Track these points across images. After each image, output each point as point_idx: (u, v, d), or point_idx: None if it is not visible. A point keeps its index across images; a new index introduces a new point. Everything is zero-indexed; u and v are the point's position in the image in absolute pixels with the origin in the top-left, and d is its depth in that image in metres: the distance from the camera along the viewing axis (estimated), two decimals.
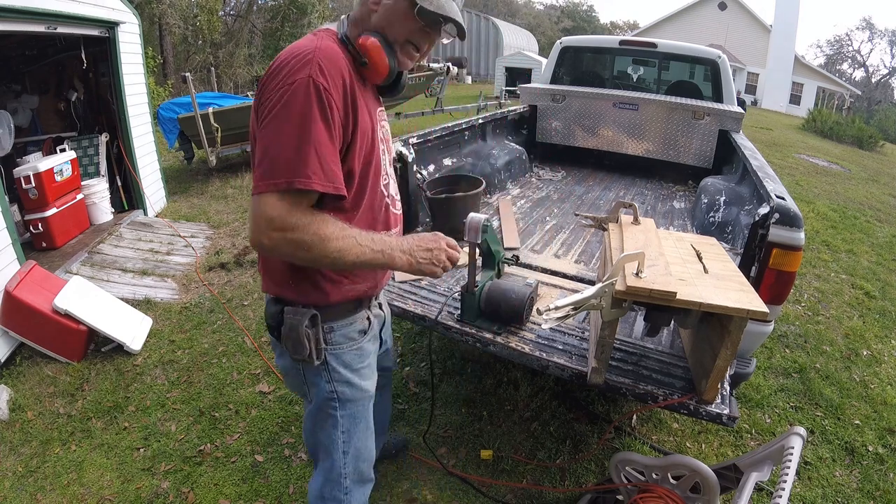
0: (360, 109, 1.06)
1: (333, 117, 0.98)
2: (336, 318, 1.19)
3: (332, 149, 0.99)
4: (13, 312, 2.63)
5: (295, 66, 0.98)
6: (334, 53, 1.02)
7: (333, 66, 1.00)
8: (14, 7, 2.92)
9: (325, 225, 0.98)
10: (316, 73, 0.96)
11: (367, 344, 1.28)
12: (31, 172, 3.63)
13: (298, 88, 0.95)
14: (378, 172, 1.16)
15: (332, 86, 0.98)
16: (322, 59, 0.99)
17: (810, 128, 15.52)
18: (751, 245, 1.77)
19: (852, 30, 61.82)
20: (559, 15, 42.54)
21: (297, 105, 0.95)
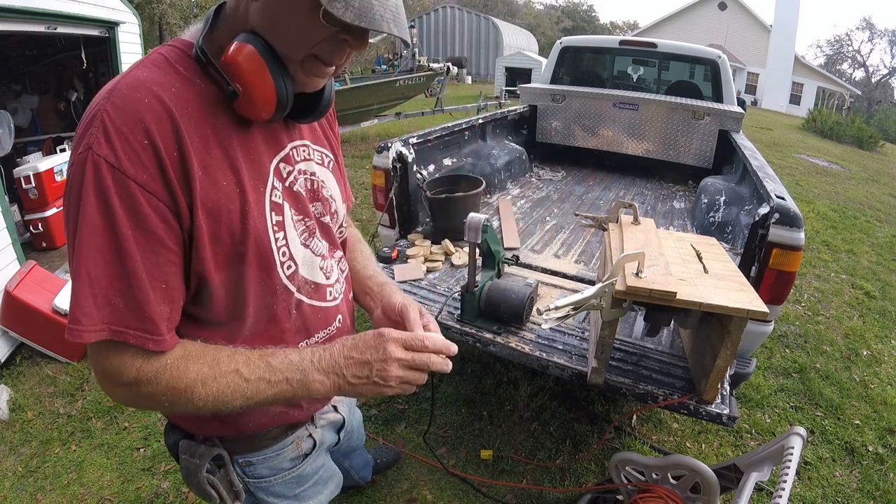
0: (213, 174, 0.68)
1: (144, 222, 0.63)
2: (255, 450, 0.89)
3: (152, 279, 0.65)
4: (13, 312, 2.63)
5: (79, 131, 0.64)
6: (142, 93, 0.64)
7: (131, 118, 0.62)
8: (14, 7, 2.92)
9: (184, 369, 0.68)
10: (97, 140, 0.61)
11: (310, 466, 0.98)
12: (31, 172, 3.63)
13: (74, 172, 0.63)
14: (268, 264, 0.75)
15: (127, 159, 0.61)
16: (112, 110, 0.62)
17: (810, 128, 15.52)
18: (751, 245, 1.77)
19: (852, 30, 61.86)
20: (559, 15, 42.56)
21: (73, 200, 0.63)
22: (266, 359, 0.72)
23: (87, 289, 0.62)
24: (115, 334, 0.64)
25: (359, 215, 4.99)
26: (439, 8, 24.10)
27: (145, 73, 0.67)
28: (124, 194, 0.62)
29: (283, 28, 0.67)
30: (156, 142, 0.63)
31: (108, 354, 0.66)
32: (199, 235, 0.68)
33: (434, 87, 9.48)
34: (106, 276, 0.63)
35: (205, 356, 0.70)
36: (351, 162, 7.05)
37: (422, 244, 2.36)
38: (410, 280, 2.07)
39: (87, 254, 0.62)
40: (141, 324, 0.65)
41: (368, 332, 0.76)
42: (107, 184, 0.61)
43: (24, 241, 3.62)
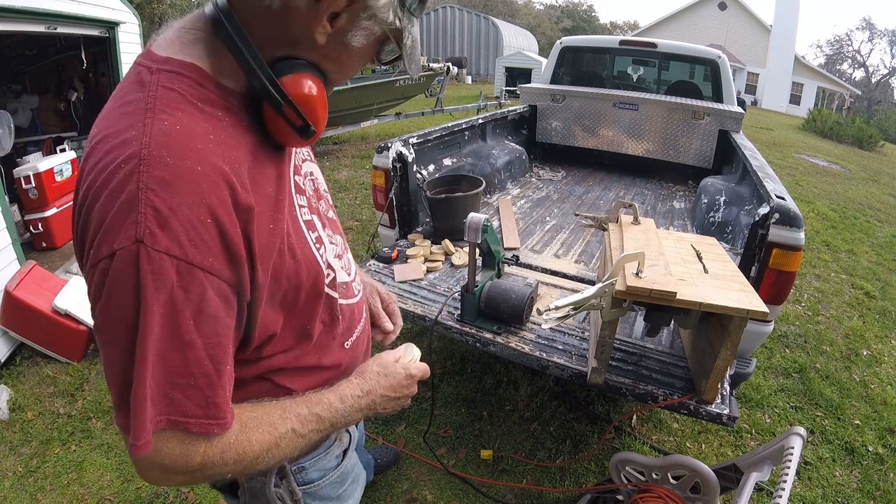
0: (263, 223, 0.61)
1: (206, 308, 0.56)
2: (307, 454, 0.87)
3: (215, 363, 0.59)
4: (13, 312, 2.63)
5: (107, 214, 0.52)
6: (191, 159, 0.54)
7: (189, 195, 0.53)
8: (14, 7, 2.92)
9: (246, 442, 0.65)
10: (150, 231, 0.51)
11: (349, 462, 0.98)
12: (31, 172, 3.62)
13: (120, 275, 0.52)
14: (320, 282, 0.74)
15: (192, 247, 0.53)
16: (161, 188, 0.52)
17: (810, 128, 15.52)
18: (751, 245, 1.77)
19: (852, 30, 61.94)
20: (559, 15, 42.55)
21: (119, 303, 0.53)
22: (314, 410, 0.72)
23: (145, 397, 0.55)
24: (174, 424, 0.58)
25: (359, 215, 4.99)
26: (439, 8, 24.09)
27: (174, 124, 0.55)
28: (191, 286, 0.54)
29: (349, 68, 0.68)
30: (218, 216, 0.55)
31: (162, 447, 0.58)
32: (258, 297, 0.63)
33: (434, 87, 9.47)
34: (165, 374, 0.56)
35: (261, 423, 0.67)
36: (351, 162, 7.05)
37: (422, 244, 2.36)
38: (410, 280, 2.07)
39: (153, 359, 0.54)
40: (205, 410, 0.59)
41: (399, 371, 0.85)
42: (170, 280, 0.53)
43: (24, 241, 3.62)
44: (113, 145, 0.54)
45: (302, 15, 0.58)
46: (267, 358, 0.73)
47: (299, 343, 0.75)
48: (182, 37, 0.62)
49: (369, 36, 0.63)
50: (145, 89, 0.57)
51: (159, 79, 0.58)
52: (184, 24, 0.63)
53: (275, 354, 0.73)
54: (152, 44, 0.63)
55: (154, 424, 0.57)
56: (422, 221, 2.64)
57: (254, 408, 0.69)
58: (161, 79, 0.58)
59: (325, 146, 7.97)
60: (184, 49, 0.61)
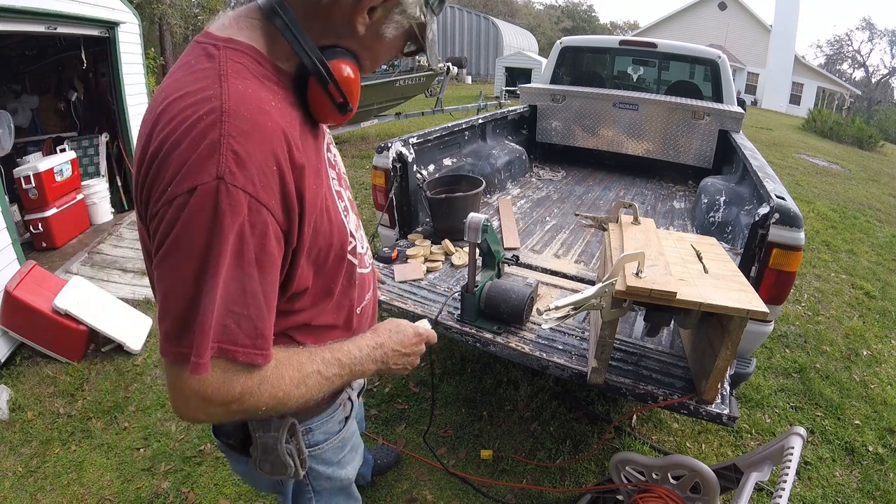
0: (311, 185, 0.70)
1: (266, 245, 0.63)
2: (313, 416, 0.92)
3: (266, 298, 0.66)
4: (13, 312, 2.63)
5: (190, 156, 0.59)
6: (263, 115, 0.62)
7: (262, 144, 0.61)
8: (14, 7, 2.92)
9: (279, 377, 0.71)
10: (230, 169, 0.58)
11: (350, 429, 1.04)
12: (31, 172, 3.63)
13: (200, 207, 0.58)
14: (345, 248, 0.82)
15: (262, 188, 0.61)
16: (240, 135, 0.59)
17: (810, 128, 15.52)
18: (751, 245, 1.77)
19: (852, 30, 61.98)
20: (559, 15, 42.55)
21: (200, 236, 0.59)
22: (336, 355, 0.80)
23: (211, 318, 0.61)
24: (224, 352, 0.63)
25: (359, 215, 4.99)
26: None
27: (246, 87, 0.64)
28: (258, 222, 0.62)
29: (380, 57, 0.78)
30: (282, 167, 0.64)
31: (208, 375, 0.63)
32: (301, 247, 0.71)
33: (434, 87, 9.47)
34: (225, 301, 0.62)
35: (291, 362, 0.74)
36: (351, 162, 7.05)
37: (422, 244, 2.36)
38: (410, 280, 2.07)
39: (219, 283, 0.60)
40: (253, 341, 0.66)
41: (409, 329, 0.95)
42: (243, 214, 0.60)
43: (24, 241, 3.62)
44: (192, 101, 0.61)
45: (347, 8, 0.69)
46: (295, 313, 0.79)
47: (322, 301, 0.83)
48: (240, 23, 0.71)
49: (399, 28, 0.74)
50: (215, 60, 0.65)
51: (227, 53, 0.66)
52: (240, 12, 0.72)
53: (302, 310, 0.80)
54: (209, 27, 0.71)
55: (211, 350, 0.62)
56: (422, 221, 2.64)
57: (284, 349, 0.75)
58: (228, 53, 0.66)
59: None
60: (242, 33, 0.69)
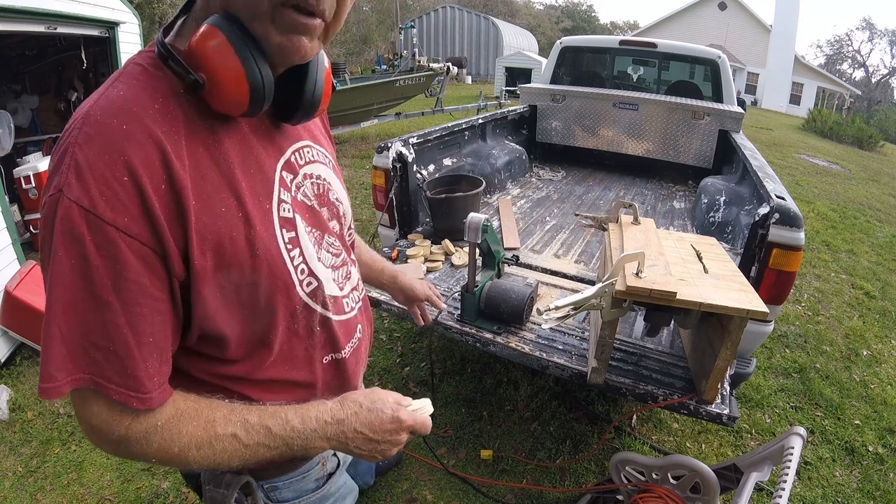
0: (210, 202, 0.59)
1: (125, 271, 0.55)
2: (279, 475, 0.82)
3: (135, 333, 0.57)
4: (13, 312, 2.63)
5: (50, 167, 0.56)
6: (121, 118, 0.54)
7: (108, 151, 0.53)
8: (14, 7, 2.92)
9: (176, 431, 0.62)
10: (68, 181, 0.52)
11: (334, 485, 0.92)
12: (31, 172, 3.63)
13: (45, 216, 0.55)
14: (287, 287, 0.68)
15: (103, 201, 0.52)
16: (85, 142, 0.53)
17: (810, 128, 15.53)
18: (751, 245, 1.77)
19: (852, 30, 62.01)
20: (559, 15, 42.54)
21: (45, 247, 0.56)
22: (265, 422, 0.66)
23: (61, 343, 0.55)
24: (97, 385, 0.57)
25: (359, 215, 4.99)
26: (439, 8, 24.09)
27: (122, 90, 0.56)
28: (102, 241, 0.53)
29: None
30: (139, 177, 0.54)
31: (92, 407, 0.59)
32: (199, 275, 0.59)
33: (434, 87, 9.47)
34: (83, 331, 0.55)
35: (199, 417, 0.63)
36: (351, 162, 7.05)
37: (422, 244, 2.36)
38: None
39: (60, 307, 0.54)
40: (124, 380, 0.57)
41: (386, 411, 0.73)
42: (80, 231, 0.52)
43: (24, 241, 3.62)
44: (75, 113, 0.58)
45: None
46: (224, 362, 0.69)
47: (257, 351, 0.70)
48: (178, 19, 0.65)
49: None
50: (122, 67, 0.61)
51: (137, 57, 0.61)
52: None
53: (232, 361, 0.69)
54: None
55: (77, 381, 0.57)
56: (422, 221, 2.64)
57: (198, 400, 0.65)
58: (139, 57, 0.61)
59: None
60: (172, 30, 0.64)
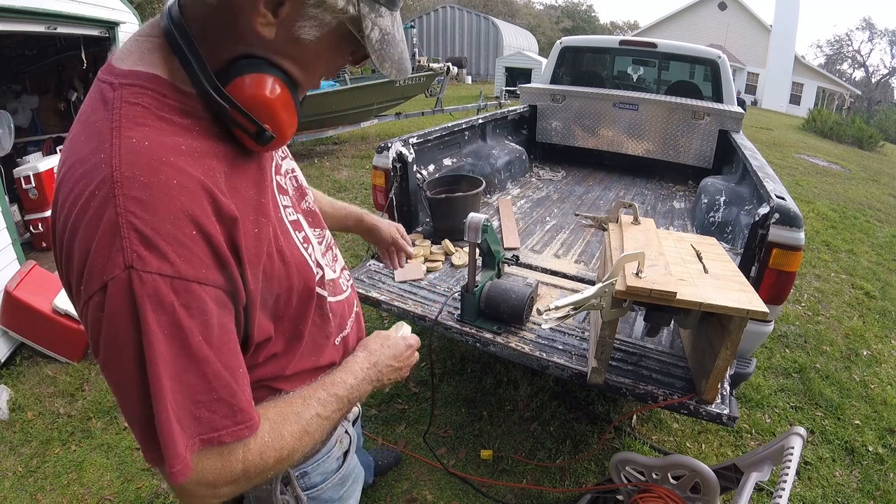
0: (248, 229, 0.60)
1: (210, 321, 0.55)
2: (307, 459, 0.86)
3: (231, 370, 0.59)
4: (13, 312, 2.63)
5: (90, 246, 0.50)
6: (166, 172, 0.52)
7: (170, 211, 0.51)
8: (14, 7, 2.92)
9: (279, 436, 0.65)
10: (138, 254, 0.50)
11: (350, 464, 0.98)
12: (31, 172, 3.63)
13: (116, 306, 0.50)
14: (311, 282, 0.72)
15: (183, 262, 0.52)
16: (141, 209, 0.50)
17: (810, 128, 15.53)
18: (751, 245, 1.77)
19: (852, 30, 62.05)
20: (559, 15, 42.54)
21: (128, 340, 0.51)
22: (332, 391, 0.74)
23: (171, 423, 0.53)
24: (207, 442, 0.57)
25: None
26: (439, 8, 24.09)
27: (142, 139, 0.53)
28: (190, 301, 0.53)
29: (313, 67, 0.63)
30: (204, 227, 0.54)
31: (201, 465, 0.57)
32: (253, 297, 0.62)
33: (434, 87, 9.46)
34: (188, 397, 0.55)
35: (287, 416, 0.67)
36: (351, 162, 7.05)
37: (422, 244, 2.36)
38: (410, 280, 2.07)
39: (169, 386, 0.52)
40: (233, 419, 0.58)
41: (399, 342, 0.90)
42: (169, 300, 0.51)
43: (24, 241, 3.62)
44: (83, 171, 0.52)
45: (241, 7, 0.55)
46: (260, 365, 0.71)
47: (291, 346, 0.74)
48: (141, 46, 0.59)
49: (322, 27, 0.58)
50: (108, 108, 0.55)
51: (122, 94, 0.55)
52: (143, 31, 0.61)
53: (267, 361, 0.72)
54: (112, 56, 0.60)
55: (189, 449, 0.56)
56: (422, 221, 2.64)
57: (275, 404, 0.68)
58: (124, 94, 0.55)
59: (325, 146, 7.97)
60: (143, 59, 0.58)
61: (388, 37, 0.62)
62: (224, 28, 0.57)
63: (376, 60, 0.61)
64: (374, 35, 0.60)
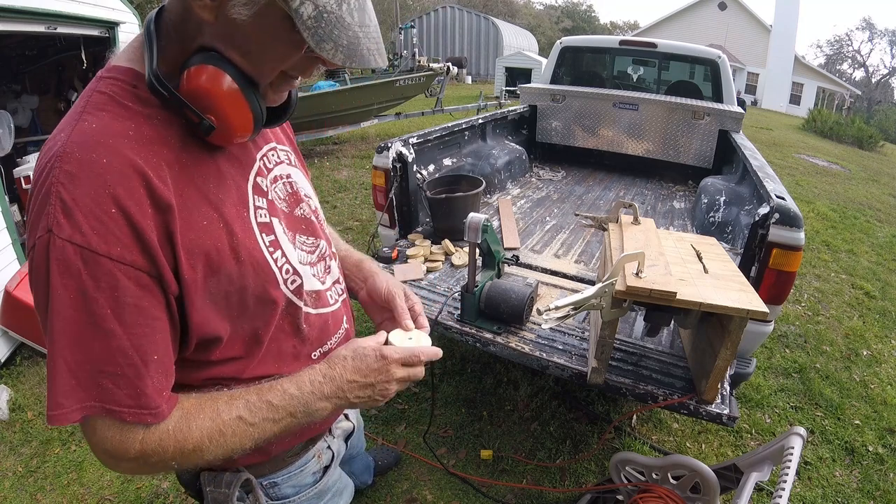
0: (193, 219, 0.62)
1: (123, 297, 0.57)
2: (277, 470, 0.85)
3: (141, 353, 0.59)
4: (13, 312, 2.63)
5: (33, 208, 0.57)
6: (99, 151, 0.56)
7: (93, 186, 0.55)
8: (14, 7, 2.92)
9: (187, 430, 0.64)
10: (57, 220, 0.54)
11: (329, 479, 0.95)
12: (31, 172, 3.61)
13: (37, 257, 0.56)
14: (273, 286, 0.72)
15: (96, 235, 0.55)
16: (68, 181, 0.54)
17: (810, 128, 15.53)
18: (751, 245, 1.77)
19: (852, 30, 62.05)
20: (559, 15, 42.54)
21: (40, 287, 0.57)
22: (265, 397, 0.69)
23: (68, 373, 0.57)
24: (109, 412, 0.59)
25: (359, 215, 4.99)
26: (439, 8, 24.09)
27: (93, 123, 0.57)
28: (99, 273, 0.55)
29: (256, 54, 0.61)
30: (126, 207, 0.56)
31: (104, 432, 0.60)
32: (191, 288, 0.62)
33: (434, 87, 9.47)
34: (90, 361, 0.57)
35: (203, 410, 0.66)
36: (351, 162, 7.06)
37: (422, 244, 2.36)
38: (410, 280, 2.07)
39: (65, 341, 0.56)
40: (136, 401, 0.60)
41: (369, 352, 0.75)
42: (76, 267, 0.54)
43: (24, 241, 3.62)
44: (47, 149, 0.58)
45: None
46: (216, 364, 0.71)
47: (250, 351, 0.73)
48: (131, 44, 0.65)
49: (252, 4, 0.56)
50: (84, 97, 0.61)
51: (97, 85, 0.61)
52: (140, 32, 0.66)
53: (224, 361, 0.72)
54: (113, 56, 0.65)
55: (87, 409, 0.58)
56: (422, 221, 2.64)
57: (199, 396, 0.68)
58: (99, 85, 0.61)
59: (325, 146, 7.97)
60: (127, 55, 0.64)
61: (330, 16, 0.56)
62: (182, 21, 0.61)
63: (311, 40, 0.56)
64: (304, 10, 0.55)
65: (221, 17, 0.58)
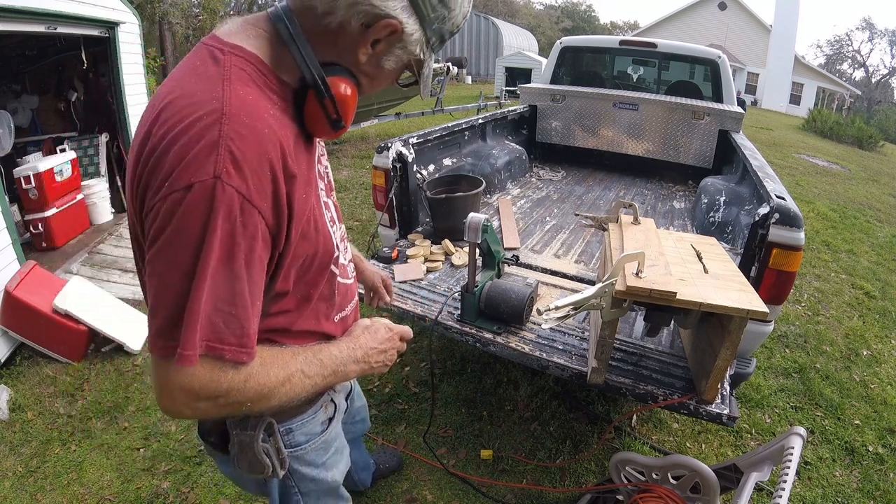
0: (301, 192, 0.73)
1: (255, 246, 0.66)
2: (293, 417, 0.94)
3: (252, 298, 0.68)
4: (13, 312, 2.63)
5: (187, 153, 0.61)
6: (261, 122, 0.66)
7: (258, 148, 0.64)
8: (14, 7, 2.92)
9: (265, 374, 0.73)
10: (227, 170, 0.61)
11: (333, 431, 1.05)
12: (31, 172, 3.62)
13: (195, 203, 0.61)
14: (331, 258, 0.85)
15: (255, 190, 0.64)
16: (238, 139, 0.62)
17: (810, 128, 15.53)
18: (751, 245, 1.77)
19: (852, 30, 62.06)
20: (559, 15, 42.53)
21: (192, 225, 0.61)
22: (318, 356, 0.83)
23: (198, 313, 0.63)
24: (211, 350, 0.66)
25: (359, 215, 4.99)
26: None
27: (248, 94, 0.67)
28: (249, 223, 0.64)
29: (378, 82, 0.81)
30: (276, 172, 0.67)
31: (197, 370, 0.65)
32: (287, 252, 0.74)
33: (434, 87, 9.46)
34: (214, 300, 0.64)
35: (276, 360, 0.76)
36: (351, 162, 7.06)
37: (422, 244, 2.36)
38: (410, 280, 2.07)
39: (207, 277, 0.63)
40: (240, 339, 0.68)
41: (381, 327, 0.98)
42: (235, 213, 0.63)
43: (24, 241, 3.62)
44: (194, 101, 0.64)
45: (352, 37, 0.73)
46: (273, 315, 0.81)
47: (300, 307, 0.85)
48: (248, 31, 0.73)
49: (398, 62, 0.78)
50: (220, 65, 0.68)
51: (232, 59, 0.69)
52: (249, 20, 0.75)
53: (280, 314, 0.82)
54: (217, 31, 0.74)
55: (199, 345, 0.64)
56: (422, 221, 2.64)
57: (270, 348, 0.78)
58: (233, 60, 0.69)
59: (324, 146, 7.96)
60: (249, 42, 0.72)
61: (430, 72, 0.83)
62: (329, 43, 0.74)
63: (421, 87, 0.83)
64: (425, 72, 0.81)
65: (371, 60, 0.76)
